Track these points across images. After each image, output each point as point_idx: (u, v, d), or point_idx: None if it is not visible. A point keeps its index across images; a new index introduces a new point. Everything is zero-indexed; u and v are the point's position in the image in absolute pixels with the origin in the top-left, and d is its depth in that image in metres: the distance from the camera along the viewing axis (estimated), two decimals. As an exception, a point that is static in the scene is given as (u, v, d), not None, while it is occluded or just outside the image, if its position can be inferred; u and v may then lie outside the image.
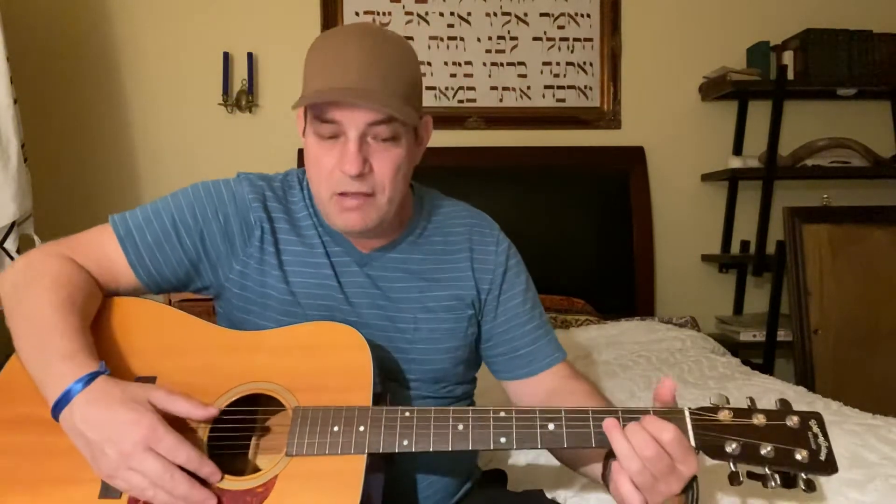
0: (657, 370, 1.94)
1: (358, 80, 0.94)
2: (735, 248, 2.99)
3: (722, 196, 3.02)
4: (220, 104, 2.79)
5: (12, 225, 2.02)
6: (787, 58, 2.83)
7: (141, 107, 2.80)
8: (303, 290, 1.06)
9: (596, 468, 0.97)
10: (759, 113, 2.95)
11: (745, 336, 2.79)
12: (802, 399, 1.68)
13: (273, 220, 1.08)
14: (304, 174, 1.12)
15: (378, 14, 2.88)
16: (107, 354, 0.96)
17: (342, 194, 0.99)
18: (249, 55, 2.80)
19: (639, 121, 2.98)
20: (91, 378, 0.86)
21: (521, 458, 1.35)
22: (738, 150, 2.97)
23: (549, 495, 1.14)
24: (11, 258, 2.01)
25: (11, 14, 2.24)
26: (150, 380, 0.96)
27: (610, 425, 0.85)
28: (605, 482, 0.93)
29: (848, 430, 1.38)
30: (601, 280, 2.82)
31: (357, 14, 2.86)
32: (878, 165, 2.85)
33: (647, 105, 2.98)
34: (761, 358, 2.74)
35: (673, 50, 2.99)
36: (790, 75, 2.79)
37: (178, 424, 0.90)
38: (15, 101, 2.04)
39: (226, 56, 2.78)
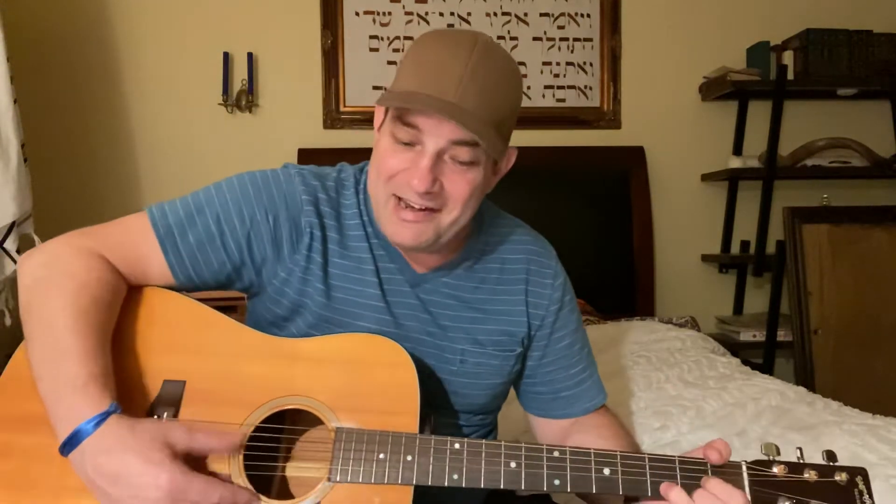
0: (657, 370, 1.93)
1: (454, 94, 0.86)
2: (735, 249, 2.99)
3: (722, 196, 3.02)
4: (220, 104, 2.78)
5: (12, 225, 2.02)
6: (787, 58, 2.83)
7: (141, 107, 2.80)
8: (346, 307, 1.00)
9: None
10: (759, 113, 2.95)
11: (745, 336, 2.79)
12: (802, 399, 1.68)
13: (325, 227, 1.00)
14: (362, 172, 1.05)
15: (378, 14, 2.87)
16: (133, 351, 0.93)
17: (402, 202, 0.92)
18: (249, 55, 2.80)
19: (639, 121, 2.98)
20: (102, 419, 0.80)
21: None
22: (738, 150, 2.97)
23: (555, 502, 1.15)
24: (12, 258, 2.01)
25: (12, 14, 2.24)
26: (180, 384, 0.91)
27: (670, 490, 0.83)
28: None
29: (848, 430, 1.38)
30: (601, 280, 2.81)
31: (357, 14, 2.86)
32: (878, 165, 2.84)
33: (647, 105, 2.98)
34: (761, 358, 2.74)
35: (673, 50, 2.99)
36: (790, 75, 2.79)
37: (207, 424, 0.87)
38: (15, 101, 2.03)
39: (226, 56, 2.78)
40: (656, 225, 2.95)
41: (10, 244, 2.02)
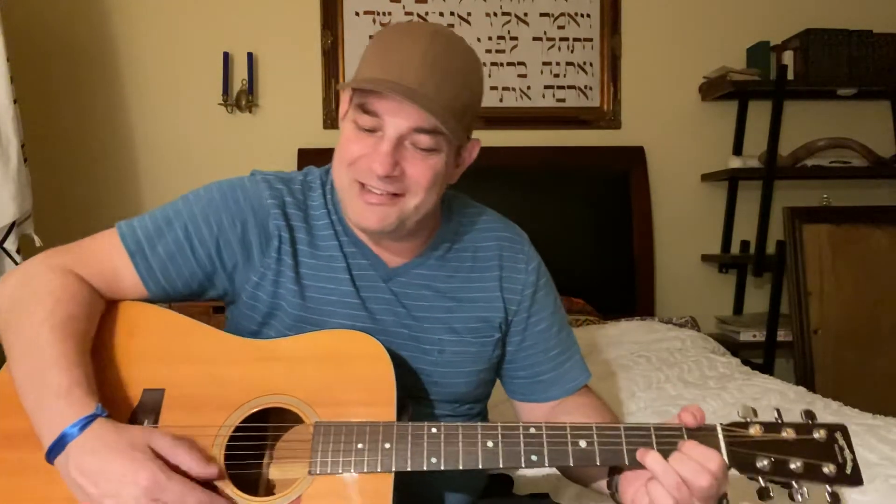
0: (657, 370, 1.94)
1: (414, 80, 0.88)
2: (735, 249, 2.99)
3: (722, 196, 3.02)
4: (220, 104, 2.79)
5: (12, 225, 2.02)
6: (787, 58, 2.83)
7: (141, 107, 2.80)
8: (320, 305, 1.00)
9: (602, 485, 0.95)
10: (759, 113, 2.95)
11: (745, 336, 2.79)
12: (802, 399, 1.68)
13: (293, 228, 1.01)
14: (328, 174, 1.06)
15: (378, 14, 2.87)
16: (112, 362, 0.93)
17: (365, 187, 0.93)
18: (249, 55, 2.80)
19: (639, 121, 2.98)
20: (87, 422, 0.81)
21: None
22: (738, 150, 2.97)
23: (554, 499, 1.14)
24: (12, 258, 2.01)
25: (12, 14, 2.24)
26: (159, 392, 0.91)
27: (646, 455, 0.83)
28: (612, 496, 0.92)
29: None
30: (601, 280, 2.82)
31: (357, 14, 2.86)
32: (878, 165, 2.84)
33: (647, 105, 2.98)
34: (761, 358, 2.74)
35: (673, 50, 2.99)
36: (790, 75, 2.79)
37: (191, 440, 0.87)
38: (15, 101, 2.03)
39: (226, 56, 2.78)
40: (656, 225, 2.95)
41: (10, 244, 2.02)
